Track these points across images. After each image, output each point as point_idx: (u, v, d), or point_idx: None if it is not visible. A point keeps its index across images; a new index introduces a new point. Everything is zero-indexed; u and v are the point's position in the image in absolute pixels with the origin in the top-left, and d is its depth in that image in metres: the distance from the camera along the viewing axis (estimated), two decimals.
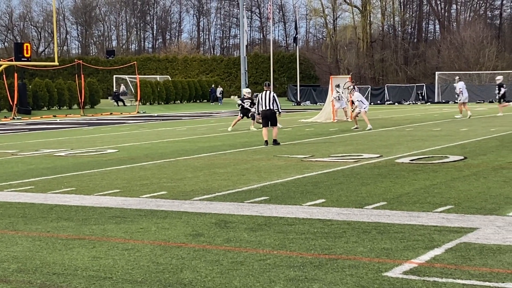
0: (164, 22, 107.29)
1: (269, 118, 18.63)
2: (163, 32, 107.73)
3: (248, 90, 27.88)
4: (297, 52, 66.84)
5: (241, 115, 27.01)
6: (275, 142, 18.42)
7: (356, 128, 24.79)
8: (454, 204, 8.93)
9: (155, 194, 10.43)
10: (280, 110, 18.84)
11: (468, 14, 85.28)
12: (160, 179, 12.17)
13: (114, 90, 62.46)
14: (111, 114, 47.40)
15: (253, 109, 26.14)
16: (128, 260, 6.49)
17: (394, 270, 5.89)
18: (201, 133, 24.98)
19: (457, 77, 33.51)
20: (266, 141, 18.55)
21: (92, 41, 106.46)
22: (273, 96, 18.59)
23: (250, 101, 26.75)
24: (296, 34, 67.06)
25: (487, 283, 5.46)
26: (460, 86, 31.39)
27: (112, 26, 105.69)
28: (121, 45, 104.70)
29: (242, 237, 7.33)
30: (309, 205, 9.14)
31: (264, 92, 18.75)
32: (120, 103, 56.88)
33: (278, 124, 19.37)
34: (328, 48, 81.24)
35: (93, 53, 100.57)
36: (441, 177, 11.48)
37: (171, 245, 7.07)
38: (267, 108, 18.55)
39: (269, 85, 19.16)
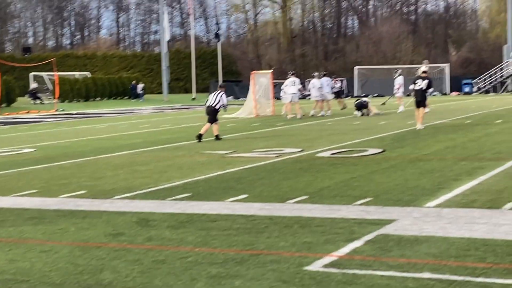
0: (82, 18, 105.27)
1: (209, 115, 19.14)
2: (82, 28, 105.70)
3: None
4: (218, 48, 66.73)
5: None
6: (217, 138, 18.57)
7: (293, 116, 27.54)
8: (373, 196, 9.10)
9: (74, 193, 10.21)
10: (220, 109, 19.31)
11: (385, 9, 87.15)
12: (80, 178, 11.94)
13: (30, 88, 60.93)
14: (28, 112, 46.17)
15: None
16: (46, 262, 6.33)
17: (315, 264, 5.95)
18: (122, 131, 24.65)
19: (317, 73, 35.09)
20: (200, 135, 18.32)
21: (7, 38, 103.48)
22: (220, 95, 19.26)
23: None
24: (217, 30, 66.98)
25: (405, 274, 5.57)
26: (317, 84, 32.69)
27: (28, 23, 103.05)
28: (38, 41, 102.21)
29: (163, 235, 7.26)
30: (231, 201, 9.13)
31: (216, 91, 19.68)
32: (38, 101, 55.53)
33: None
34: (250, 44, 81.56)
35: (9, 50, 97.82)
36: (361, 170, 11.68)
37: (90, 245, 6.94)
38: (210, 105, 19.20)
39: (222, 86, 20.07)
